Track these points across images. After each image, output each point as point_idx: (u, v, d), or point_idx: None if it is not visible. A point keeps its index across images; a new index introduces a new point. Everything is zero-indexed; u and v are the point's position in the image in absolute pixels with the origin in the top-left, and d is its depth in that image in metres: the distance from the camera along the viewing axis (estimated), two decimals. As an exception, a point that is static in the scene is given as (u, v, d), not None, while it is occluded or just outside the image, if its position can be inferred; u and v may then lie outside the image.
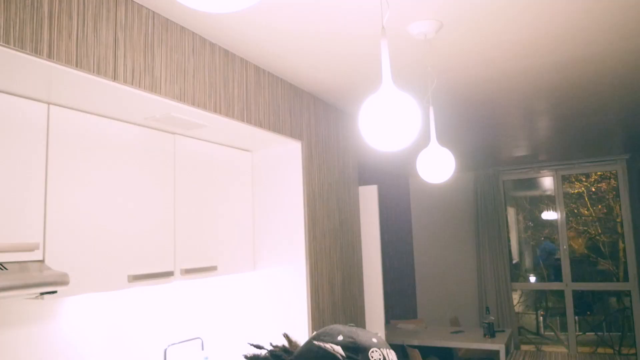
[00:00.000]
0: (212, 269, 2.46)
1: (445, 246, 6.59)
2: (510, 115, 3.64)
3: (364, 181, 5.31)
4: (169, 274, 2.20)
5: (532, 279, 6.52)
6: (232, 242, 2.67)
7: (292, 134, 2.67)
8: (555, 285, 6.11)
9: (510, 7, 1.93)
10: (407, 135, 1.25)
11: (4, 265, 1.64)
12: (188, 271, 2.31)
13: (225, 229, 2.62)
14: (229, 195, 2.68)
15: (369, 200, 3.43)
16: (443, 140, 4.53)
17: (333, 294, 2.94)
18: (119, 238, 2.01)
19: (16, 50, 1.37)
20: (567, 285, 6.00)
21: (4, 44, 1.34)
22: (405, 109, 1.23)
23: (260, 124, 2.40)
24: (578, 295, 6.15)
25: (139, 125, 2.16)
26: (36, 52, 1.42)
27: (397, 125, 1.23)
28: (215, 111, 2.10)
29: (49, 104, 1.80)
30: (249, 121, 2.31)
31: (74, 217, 1.85)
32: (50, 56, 1.46)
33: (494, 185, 6.24)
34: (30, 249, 1.72)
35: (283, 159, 2.81)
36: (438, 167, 1.97)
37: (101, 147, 1.98)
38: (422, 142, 4.41)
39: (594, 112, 3.60)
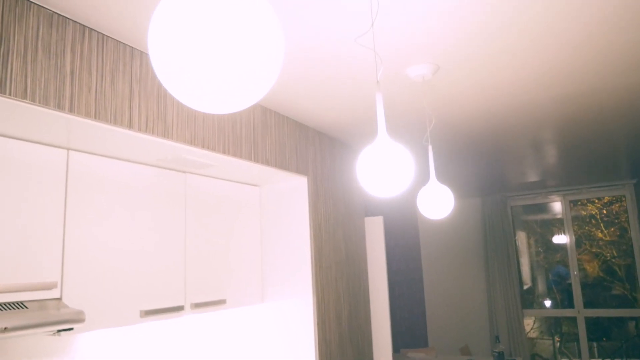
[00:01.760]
0: (221, 302, 2.53)
1: (454, 273, 6.59)
2: (514, 145, 3.71)
3: (371, 212, 5.37)
4: (179, 308, 2.28)
5: (548, 303, 6.44)
6: (241, 276, 2.75)
7: (298, 169, 2.77)
8: (567, 312, 6.05)
9: (505, 51, 2.03)
10: (401, 183, 1.33)
11: (24, 303, 1.74)
12: (198, 305, 2.38)
13: (234, 263, 2.70)
14: (237, 229, 2.77)
15: (375, 231, 3.50)
16: (448, 169, 4.60)
17: (340, 324, 2.99)
18: (131, 274, 2.10)
19: (41, 106, 1.49)
20: (580, 312, 5.95)
21: (30, 102, 1.46)
22: (399, 159, 1.32)
23: (267, 162, 2.50)
24: (593, 321, 6.06)
25: (151, 165, 2.27)
26: (59, 107, 1.54)
27: (391, 174, 1.31)
28: (224, 152, 2.20)
29: (68, 149, 1.93)
30: (256, 160, 2.42)
31: (90, 255, 1.95)
32: (71, 110, 1.58)
33: (502, 211, 6.26)
34: (49, 287, 1.81)
35: (290, 194, 2.90)
36: (437, 203, 2.05)
37: (115, 187, 2.09)
38: (425, 178, 4.49)
39: (599, 139, 3.66)
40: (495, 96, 2.59)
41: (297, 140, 2.81)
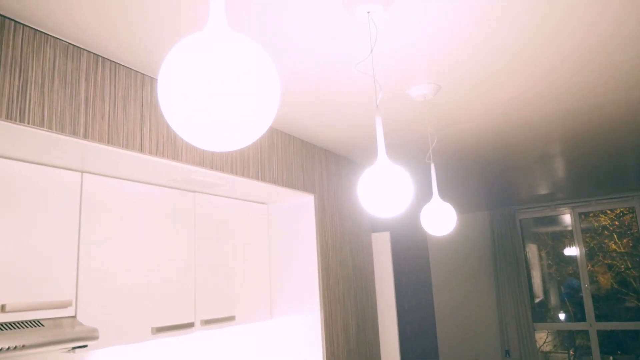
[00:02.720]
0: (230, 319, 2.58)
1: (464, 286, 6.57)
2: (521, 159, 3.74)
3: (378, 228, 5.40)
4: (189, 325, 2.33)
5: (562, 316, 6.36)
6: (250, 292, 2.80)
7: (305, 188, 2.83)
8: (579, 326, 6.00)
9: (506, 69, 2.08)
10: (400, 203, 1.38)
11: (40, 322, 1.80)
12: (207, 322, 2.43)
13: (243, 279, 2.75)
14: (246, 246, 2.83)
15: (382, 246, 3.53)
16: (455, 184, 4.63)
17: (348, 340, 3.02)
18: (143, 292, 2.16)
19: (57, 133, 1.57)
20: (592, 325, 5.89)
21: (47, 130, 1.54)
22: (399, 181, 1.38)
23: (274, 181, 2.56)
24: (607, 334, 5.98)
25: (162, 186, 2.34)
26: (74, 133, 1.62)
27: (391, 195, 1.36)
28: (231, 172, 2.27)
29: (82, 172, 2.00)
30: (263, 179, 2.48)
31: (103, 274, 2.01)
32: (85, 136, 1.65)
33: (511, 224, 6.25)
34: (64, 306, 1.88)
35: (297, 211, 2.96)
36: (440, 220, 2.09)
37: (128, 207, 2.16)
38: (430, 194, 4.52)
39: (606, 152, 3.68)
40: (499, 113, 2.63)
41: (303, 159, 2.87)
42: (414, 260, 6.28)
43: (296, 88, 2.15)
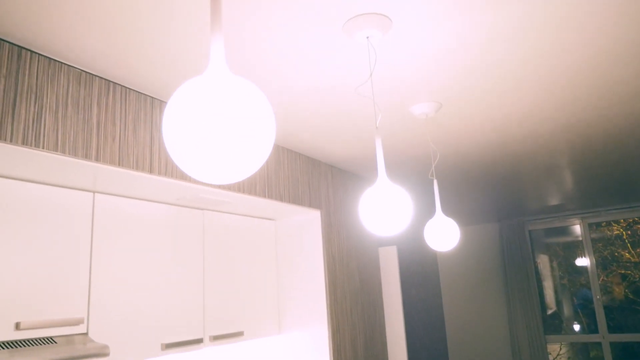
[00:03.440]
0: (239, 334, 2.61)
1: (474, 299, 6.54)
2: (528, 171, 3.76)
3: (385, 242, 5.42)
4: (198, 341, 2.37)
5: (577, 327, 6.28)
6: (258, 307, 2.83)
7: (311, 204, 2.87)
8: (591, 338, 5.93)
9: (503, 85, 2.12)
10: (400, 222, 1.42)
11: (53, 339, 1.86)
12: (216, 337, 2.47)
13: (251, 295, 2.79)
14: (254, 262, 2.87)
15: (389, 260, 3.56)
16: (462, 196, 4.65)
17: (356, 354, 3.04)
18: (152, 309, 2.21)
19: (70, 157, 1.64)
20: (604, 337, 5.82)
21: (60, 154, 1.61)
22: (398, 200, 1.42)
23: (280, 198, 2.61)
24: (622, 346, 5.90)
25: (171, 204, 2.40)
26: (86, 157, 1.69)
27: (391, 215, 1.40)
28: (239, 191, 2.33)
29: (94, 192, 2.07)
30: (270, 196, 2.53)
31: (113, 291, 2.07)
32: (97, 159, 1.72)
33: (520, 235, 6.23)
34: (76, 323, 1.93)
35: (304, 227, 3.00)
36: (443, 236, 2.12)
37: (137, 225, 2.22)
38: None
39: (615, 162, 3.68)
40: (502, 127, 2.66)
41: (309, 175, 2.92)
42: (423, 273, 6.27)
43: (300, 107, 2.21)
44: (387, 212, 1.40)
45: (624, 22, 1.63)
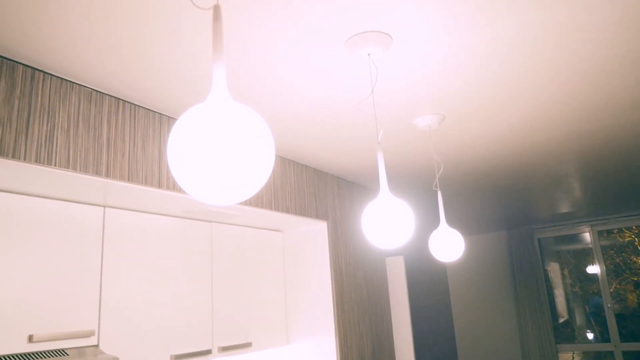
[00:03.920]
0: (247, 345, 2.64)
1: (484, 308, 6.50)
2: (535, 179, 3.76)
3: (392, 252, 5.42)
4: (207, 352, 2.40)
5: (590, 336, 6.19)
6: (266, 318, 2.86)
7: (318, 215, 2.90)
8: (603, 347, 5.87)
9: (506, 96, 2.15)
10: (402, 236, 1.45)
11: (65, 351, 1.90)
12: (225, 349, 2.50)
13: (259, 306, 2.82)
14: (262, 273, 2.90)
15: (396, 270, 3.57)
16: (468, 206, 4.65)
17: (364, 365, 3.05)
18: (162, 320, 2.25)
19: (81, 173, 1.69)
20: (617, 346, 5.76)
21: (72, 170, 1.66)
22: (400, 214, 1.44)
23: (287, 210, 2.65)
24: (636, 355, 5.82)
25: (179, 217, 2.45)
26: (97, 173, 1.74)
27: (392, 228, 1.43)
28: (245, 203, 2.36)
29: (104, 206, 2.12)
30: (276, 209, 2.57)
31: (123, 303, 2.11)
32: (107, 175, 1.77)
33: (529, 243, 6.20)
34: (87, 335, 1.97)
35: (310, 238, 3.03)
36: (448, 247, 2.14)
37: (147, 238, 2.26)
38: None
39: (624, 170, 3.67)
40: (507, 138, 2.68)
41: (315, 187, 2.96)
42: (431, 283, 6.26)
43: (305, 120, 2.25)
44: (389, 225, 1.43)
45: (617, 35, 1.65)
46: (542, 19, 1.52)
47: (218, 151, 0.66)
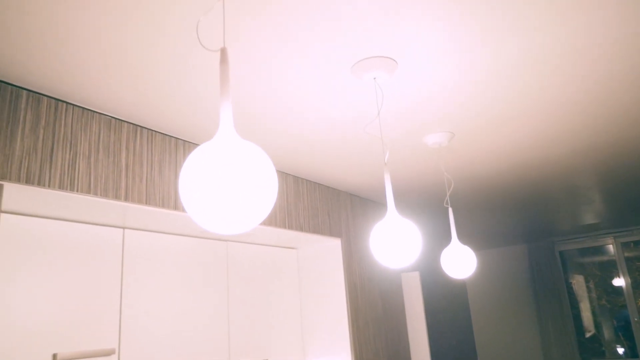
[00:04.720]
0: (263, 362, 2.67)
1: (505, 323, 6.40)
2: (553, 192, 3.74)
3: (408, 267, 5.41)
4: (224, 369, 2.44)
5: (621, 350, 6.01)
6: (282, 335, 2.89)
7: (332, 232, 2.94)
8: (630, 362, 5.71)
9: (514, 112, 2.17)
10: (410, 255, 1.48)
11: (87, 369, 1.96)
12: (241, 366, 2.54)
13: (275, 323, 2.86)
14: (277, 290, 2.95)
15: (412, 286, 3.57)
16: (485, 220, 4.63)
17: (381, 382, 3.04)
18: (180, 337, 2.30)
19: (102, 198, 1.77)
20: (644, 362, 5.60)
21: (92, 195, 1.74)
22: (407, 234, 1.48)
23: (300, 228, 2.69)
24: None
25: (196, 237, 2.51)
26: (116, 197, 1.81)
27: (400, 248, 1.46)
28: (260, 223, 2.42)
29: (124, 228, 2.20)
30: (290, 227, 2.62)
31: (143, 322, 2.17)
32: (126, 199, 1.85)
33: (550, 256, 6.11)
34: (108, 354, 2.04)
35: (325, 255, 3.07)
36: (459, 264, 2.15)
37: (165, 258, 2.33)
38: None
39: None
40: (519, 152, 2.69)
41: (329, 204, 3.00)
42: (450, 298, 6.20)
43: (316, 140, 2.30)
44: (396, 245, 1.46)
45: (614, 57, 1.67)
46: (539, 43, 1.56)
47: (224, 187, 0.72)
